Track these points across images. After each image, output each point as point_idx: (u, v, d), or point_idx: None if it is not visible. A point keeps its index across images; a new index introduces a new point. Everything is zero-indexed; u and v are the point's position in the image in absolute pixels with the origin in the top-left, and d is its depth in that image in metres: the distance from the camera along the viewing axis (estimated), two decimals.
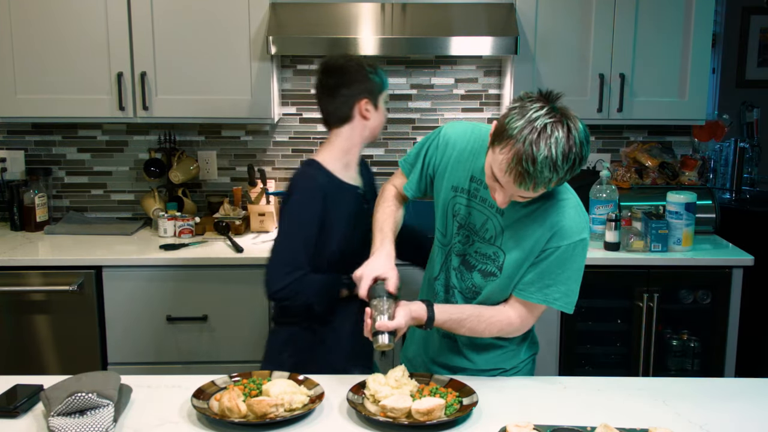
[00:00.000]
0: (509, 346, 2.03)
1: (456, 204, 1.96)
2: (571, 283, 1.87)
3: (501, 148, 1.67)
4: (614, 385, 1.93)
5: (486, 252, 1.91)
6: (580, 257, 1.86)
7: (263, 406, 1.64)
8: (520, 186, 1.68)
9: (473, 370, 2.02)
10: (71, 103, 3.14)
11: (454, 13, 3.13)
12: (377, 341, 1.78)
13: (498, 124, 1.71)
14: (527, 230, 1.85)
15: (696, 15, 3.14)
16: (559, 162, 1.63)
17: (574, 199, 1.87)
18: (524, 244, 1.85)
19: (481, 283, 1.93)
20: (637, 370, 3.07)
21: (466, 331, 1.91)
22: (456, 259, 1.97)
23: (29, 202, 3.35)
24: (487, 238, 1.91)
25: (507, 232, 1.88)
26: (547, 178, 1.65)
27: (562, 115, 1.65)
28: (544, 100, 1.68)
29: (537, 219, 1.84)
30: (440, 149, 1.99)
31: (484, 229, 1.91)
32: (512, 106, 1.70)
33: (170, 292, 2.98)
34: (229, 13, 3.10)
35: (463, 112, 3.56)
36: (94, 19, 3.08)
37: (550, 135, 1.62)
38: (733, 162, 3.95)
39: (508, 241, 1.88)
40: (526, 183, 1.66)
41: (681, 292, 3.06)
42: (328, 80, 2.22)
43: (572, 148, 1.64)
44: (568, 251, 1.84)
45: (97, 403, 1.65)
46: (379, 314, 1.79)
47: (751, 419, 1.74)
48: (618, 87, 3.17)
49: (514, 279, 1.89)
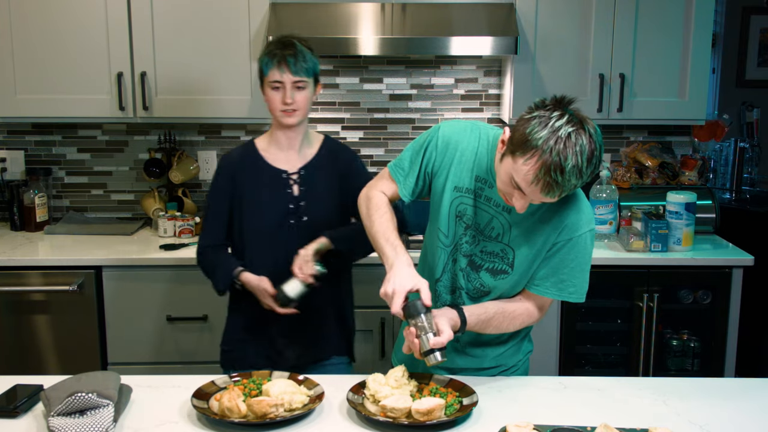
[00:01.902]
0: (511, 343, 2.04)
1: (461, 204, 1.93)
2: (584, 274, 1.91)
3: (526, 159, 1.66)
4: (614, 385, 1.93)
5: (493, 250, 1.91)
6: (589, 247, 1.89)
7: (263, 406, 1.64)
8: (547, 195, 1.69)
9: (475, 369, 2.02)
10: (71, 103, 3.14)
11: (454, 13, 3.13)
12: (431, 360, 1.74)
13: (517, 133, 1.69)
14: (535, 226, 1.86)
15: (696, 15, 3.14)
16: (584, 168, 1.66)
17: (579, 191, 1.89)
18: (534, 239, 1.87)
19: (491, 281, 1.92)
20: (637, 370, 3.07)
21: (493, 329, 1.92)
22: (464, 260, 1.95)
23: (29, 202, 3.35)
24: (494, 236, 1.90)
25: (515, 228, 1.88)
26: (573, 185, 1.68)
27: (580, 120, 1.67)
28: (560, 106, 1.68)
29: (545, 214, 1.86)
30: (440, 150, 1.94)
31: (489, 227, 1.91)
32: (531, 115, 1.69)
33: (170, 292, 2.98)
34: (229, 13, 3.10)
35: (463, 112, 3.56)
36: (94, 19, 3.08)
37: (575, 143, 1.63)
38: (733, 162, 3.95)
39: (516, 237, 1.88)
40: (553, 192, 1.68)
41: (681, 292, 3.06)
42: None
43: (594, 152, 1.67)
44: (579, 243, 1.86)
45: (97, 403, 1.65)
46: (424, 332, 1.74)
47: (751, 419, 1.74)
48: (618, 87, 3.17)
49: (527, 275, 1.91)
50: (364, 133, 3.55)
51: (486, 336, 1.98)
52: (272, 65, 2.23)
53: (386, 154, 3.57)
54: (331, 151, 2.41)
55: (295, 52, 2.23)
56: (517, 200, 1.75)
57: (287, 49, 2.23)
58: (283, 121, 2.28)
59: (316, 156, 2.38)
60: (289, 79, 2.22)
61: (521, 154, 1.67)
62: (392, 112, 3.54)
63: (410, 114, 3.55)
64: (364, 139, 3.56)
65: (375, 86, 3.52)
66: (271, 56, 2.23)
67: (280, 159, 2.34)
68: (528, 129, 1.66)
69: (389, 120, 3.54)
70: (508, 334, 2.01)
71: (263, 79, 2.27)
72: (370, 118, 3.55)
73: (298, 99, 2.25)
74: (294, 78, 2.23)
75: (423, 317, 1.74)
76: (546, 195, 1.69)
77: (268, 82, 2.25)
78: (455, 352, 2.03)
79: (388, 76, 3.52)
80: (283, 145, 2.35)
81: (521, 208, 1.76)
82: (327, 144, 2.42)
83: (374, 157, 3.57)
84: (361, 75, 3.51)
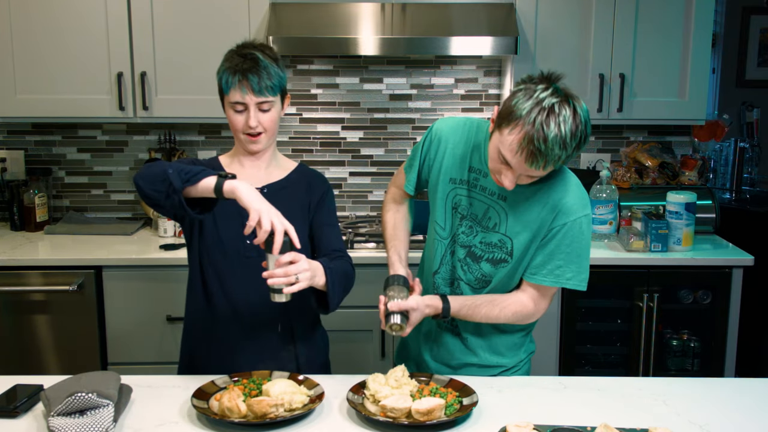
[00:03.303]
0: (514, 339, 2.05)
1: (456, 196, 1.98)
2: (582, 260, 1.91)
3: (510, 130, 1.71)
4: (614, 385, 1.94)
5: (491, 241, 1.93)
6: (586, 233, 1.90)
7: (263, 406, 1.64)
8: (532, 165, 1.72)
9: (478, 366, 2.03)
10: (71, 103, 3.14)
11: (454, 13, 3.13)
12: (389, 320, 1.82)
13: (504, 106, 1.75)
14: (531, 212, 1.89)
15: (696, 15, 3.14)
16: (568, 139, 1.69)
17: (573, 177, 1.92)
18: (530, 225, 1.89)
19: (492, 270, 1.95)
20: (637, 370, 3.07)
21: (482, 316, 1.94)
22: (462, 250, 1.98)
23: (29, 202, 3.35)
24: (491, 227, 1.93)
25: (511, 217, 1.90)
26: (557, 155, 1.71)
27: (566, 95, 1.72)
28: (547, 81, 1.74)
29: (540, 199, 1.88)
30: (434, 144, 2.02)
31: (486, 218, 1.94)
32: (517, 89, 1.75)
33: (170, 292, 2.98)
34: (229, 13, 3.10)
35: (463, 112, 3.56)
36: (94, 18, 3.08)
37: (558, 114, 1.68)
38: (733, 162, 3.95)
39: (513, 226, 1.90)
40: (537, 162, 1.71)
41: (681, 292, 3.06)
42: None
43: (579, 126, 1.71)
44: (574, 228, 1.87)
45: (97, 403, 1.65)
46: (392, 299, 1.85)
47: (751, 419, 1.74)
48: (618, 87, 3.17)
49: (523, 262, 1.92)
50: (364, 133, 3.55)
51: (488, 335, 2.01)
52: (233, 84, 1.93)
53: (386, 154, 3.57)
54: (304, 177, 2.11)
55: (257, 67, 1.92)
56: (506, 176, 1.79)
57: (248, 63, 1.93)
58: (248, 148, 2.01)
59: (285, 179, 2.08)
60: (252, 101, 1.93)
61: (506, 125, 1.72)
62: (392, 112, 3.54)
63: (410, 114, 3.55)
64: (364, 139, 3.56)
65: (375, 86, 3.52)
66: (231, 72, 1.93)
67: (242, 177, 1.98)
68: (513, 101, 1.72)
69: (389, 120, 3.54)
70: (511, 327, 2.02)
71: (223, 98, 1.99)
72: (370, 118, 3.55)
73: (263, 121, 1.96)
74: (258, 99, 1.93)
75: (396, 288, 1.88)
76: (531, 166, 1.72)
77: (228, 103, 1.97)
78: (460, 349, 2.04)
79: (388, 76, 3.52)
80: (246, 165, 2.06)
81: (510, 184, 1.79)
82: (300, 170, 2.12)
83: (374, 157, 3.57)
84: (361, 75, 3.51)
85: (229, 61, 1.97)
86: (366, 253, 3.01)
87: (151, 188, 1.78)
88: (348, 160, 3.57)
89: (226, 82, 1.95)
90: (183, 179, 1.75)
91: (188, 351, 2.14)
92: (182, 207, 1.76)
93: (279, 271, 1.76)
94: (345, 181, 3.59)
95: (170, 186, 1.74)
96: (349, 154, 3.57)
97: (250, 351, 2.02)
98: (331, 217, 2.09)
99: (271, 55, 1.98)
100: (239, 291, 1.99)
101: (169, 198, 1.75)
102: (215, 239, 2.01)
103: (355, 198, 3.61)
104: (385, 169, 3.57)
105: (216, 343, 2.05)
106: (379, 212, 3.58)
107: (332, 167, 3.57)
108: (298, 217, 2.01)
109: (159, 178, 1.77)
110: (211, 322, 2.04)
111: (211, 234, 2.01)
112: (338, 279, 1.92)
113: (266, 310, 1.99)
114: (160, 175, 1.77)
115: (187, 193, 1.77)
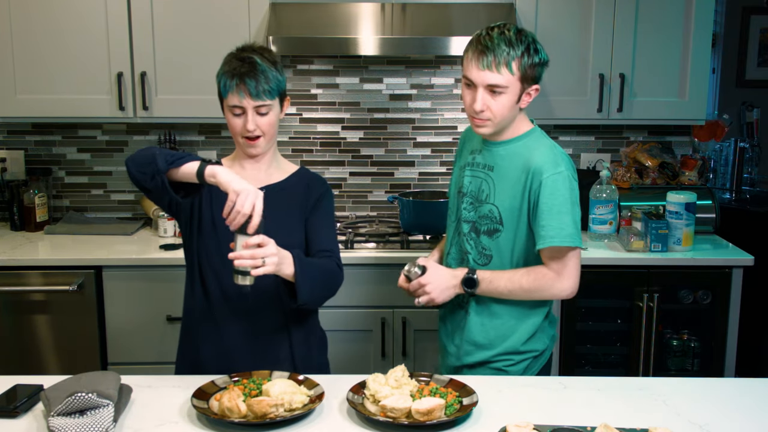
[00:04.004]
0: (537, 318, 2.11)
1: (463, 178, 2.13)
2: (563, 216, 1.95)
3: (465, 49, 1.96)
4: (614, 385, 1.94)
5: (484, 213, 2.05)
6: (561, 189, 1.96)
7: (263, 406, 1.64)
8: (482, 65, 1.89)
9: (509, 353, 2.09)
10: (71, 103, 3.14)
11: (454, 13, 3.13)
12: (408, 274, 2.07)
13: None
14: (510, 177, 2.00)
15: (696, 15, 3.14)
16: (513, 39, 1.88)
17: (546, 139, 2.03)
18: (512, 191, 2.00)
19: (489, 242, 2.05)
20: (637, 370, 3.07)
21: (506, 281, 2.00)
22: (466, 226, 2.09)
23: (29, 202, 3.35)
24: (484, 199, 2.05)
25: (498, 186, 2.02)
26: (505, 52, 1.88)
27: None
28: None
29: (517, 164, 1.99)
30: (459, 147, 2.26)
31: (480, 191, 2.06)
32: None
33: (170, 292, 2.97)
34: (229, 13, 3.10)
35: (463, 112, 3.54)
36: (94, 18, 3.08)
37: (502, 24, 1.95)
38: (733, 162, 3.95)
39: (499, 194, 2.02)
40: (486, 57, 1.88)
41: (681, 292, 3.06)
42: None
43: (524, 33, 1.92)
44: (547, 186, 1.95)
45: (97, 403, 1.65)
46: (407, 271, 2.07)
47: (751, 419, 1.74)
48: (618, 87, 3.17)
49: (518, 231, 2.01)
50: (364, 133, 3.55)
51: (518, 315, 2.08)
52: (230, 88, 1.95)
53: (386, 154, 3.57)
54: (303, 179, 2.12)
55: (255, 71, 1.93)
56: (473, 100, 1.93)
57: (246, 66, 1.94)
58: (247, 151, 2.02)
59: (284, 181, 2.09)
60: (250, 104, 1.94)
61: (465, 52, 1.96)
62: (392, 112, 3.54)
63: (410, 114, 3.55)
64: (364, 139, 3.56)
65: (375, 86, 3.52)
66: (229, 76, 1.95)
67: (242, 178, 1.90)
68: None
69: (389, 120, 3.54)
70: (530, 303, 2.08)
71: (222, 101, 2.02)
72: (370, 118, 3.55)
73: (261, 124, 1.97)
74: (255, 102, 1.94)
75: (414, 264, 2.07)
76: (482, 66, 1.89)
77: (227, 106, 1.99)
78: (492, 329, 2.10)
79: (388, 76, 3.52)
80: (246, 167, 2.08)
81: (479, 105, 1.93)
82: (301, 173, 2.14)
83: (374, 157, 3.57)
84: (361, 75, 3.51)
85: (228, 65, 1.99)
86: (366, 253, 3.01)
87: (138, 170, 1.85)
88: (348, 160, 3.57)
89: (224, 86, 1.98)
90: (168, 161, 1.83)
91: (185, 350, 2.14)
92: (165, 189, 1.82)
93: (246, 253, 1.77)
94: (345, 181, 3.59)
95: (156, 167, 1.81)
96: (349, 154, 3.57)
97: (247, 351, 2.02)
98: (326, 219, 2.09)
99: (270, 59, 1.99)
100: (238, 291, 1.99)
101: (154, 179, 1.82)
102: (213, 239, 2.01)
103: (355, 198, 3.61)
104: (385, 169, 3.57)
105: (214, 343, 2.05)
106: (379, 212, 3.58)
107: (332, 167, 3.57)
108: (295, 218, 2.05)
109: (146, 161, 1.84)
110: (209, 322, 2.05)
111: (209, 234, 2.02)
112: (310, 271, 1.91)
113: (265, 309, 2.00)
114: (148, 158, 1.84)
115: (171, 176, 1.84)
